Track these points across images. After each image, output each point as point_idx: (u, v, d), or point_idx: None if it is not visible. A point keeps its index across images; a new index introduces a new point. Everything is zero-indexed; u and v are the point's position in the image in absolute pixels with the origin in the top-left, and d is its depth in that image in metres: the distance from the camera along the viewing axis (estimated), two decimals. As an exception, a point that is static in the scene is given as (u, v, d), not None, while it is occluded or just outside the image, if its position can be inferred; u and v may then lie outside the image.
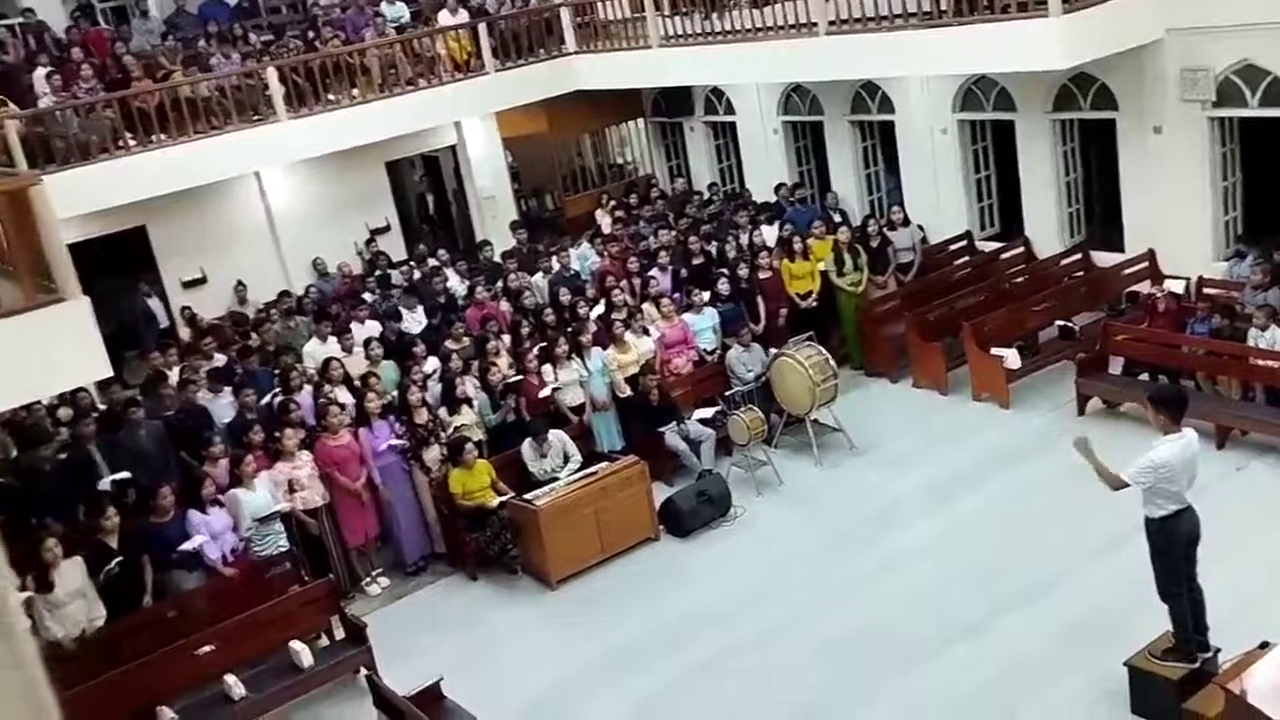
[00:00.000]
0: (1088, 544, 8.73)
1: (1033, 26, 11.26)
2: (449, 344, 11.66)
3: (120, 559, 8.77)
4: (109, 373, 8.15)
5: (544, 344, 11.49)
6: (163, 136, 13.59)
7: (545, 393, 11.02)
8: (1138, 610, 7.26)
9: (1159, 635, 6.98)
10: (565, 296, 12.61)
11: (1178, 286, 11.95)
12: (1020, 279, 13.25)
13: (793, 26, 13.64)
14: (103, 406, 11.55)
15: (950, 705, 7.46)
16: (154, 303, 14.93)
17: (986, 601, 8.42)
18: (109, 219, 13.98)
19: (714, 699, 7.97)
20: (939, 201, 14.71)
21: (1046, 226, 13.91)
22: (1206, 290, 11.77)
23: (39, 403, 11.14)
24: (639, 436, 11.21)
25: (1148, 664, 6.92)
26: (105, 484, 9.78)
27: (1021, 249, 14.04)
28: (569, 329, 11.74)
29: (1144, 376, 10.96)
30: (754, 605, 8.97)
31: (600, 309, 12.46)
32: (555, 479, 10.21)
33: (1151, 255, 12.77)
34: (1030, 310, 12.33)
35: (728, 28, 14.51)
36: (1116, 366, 11.24)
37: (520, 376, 11.05)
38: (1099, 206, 14.16)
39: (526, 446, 10.36)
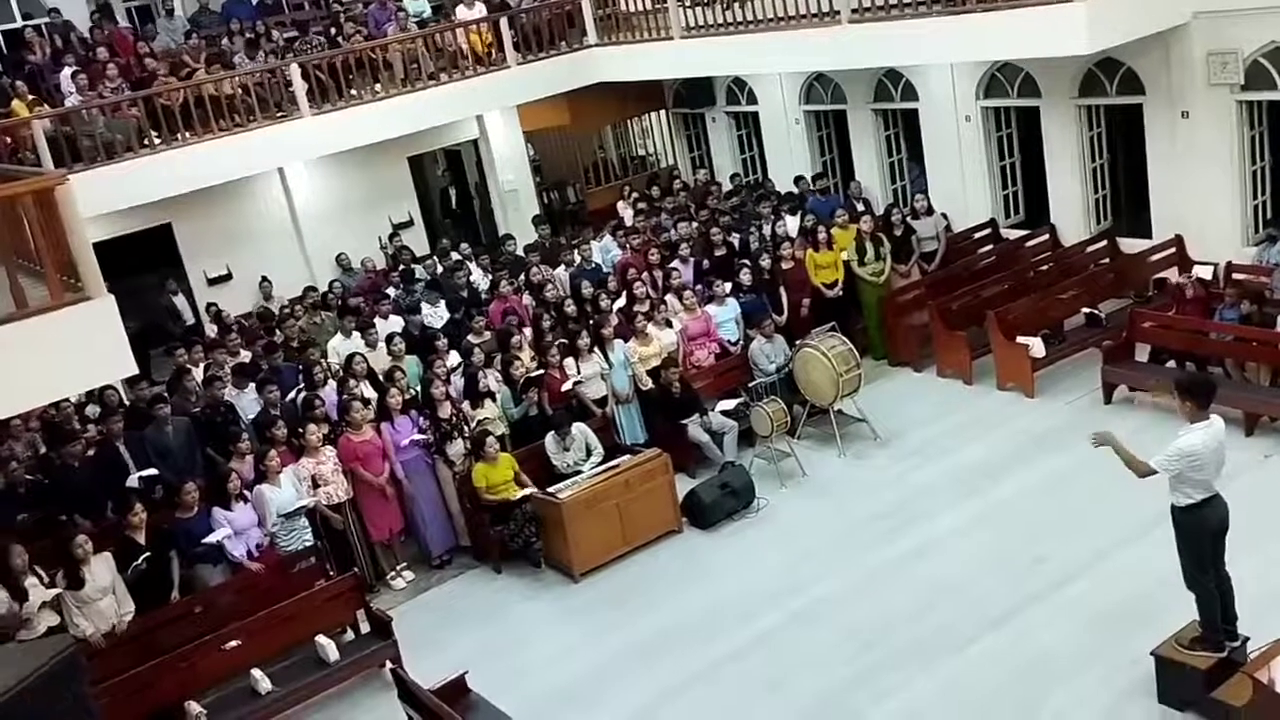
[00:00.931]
0: (1114, 533, 8.66)
1: (1058, 11, 11.16)
2: (470, 338, 11.70)
3: (148, 555, 8.85)
4: (135, 370, 8.22)
5: (565, 339, 11.49)
6: (187, 134, 13.69)
7: (567, 386, 11.04)
8: (1165, 599, 7.20)
9: (1186, 624, 6.92)
10: (587, 289, 12.61)
11: (1206, 272, 11.81)
12: (1045, 267, 13.14)
13: (815, 15, 13.58)
14: (129, 403, 11.65)
15: (976, 695, 7.42)
16: (180, 300, 15.04)
17: (1012, 591, 8.37)
18: (135, 217, 14.11)
19: (739, 690, 7.97)
20: (963, 189, 14.60)
21: (1072, 213, 13.78)
22: (1235, 276, 11.65)
23: (67, 400, 11.27)
24: (661, 429, 11.21)
25: (1175, 653, 6.86)
26: (133, 480, 9.87)
27: (1047, 236, 13.92)
28: (591, 322, 11.74)
29: (1171, 364, 10.85)
30: (778, 597, 8.95)
31: (622, 301, 12.46)
32: (578, 472, 10.23)
33: (1179, 241, 12.64)
34: (1056, 298, 12.22)
35: (749, 17, 14.45)
36: (1143, 354, 11.14)
37: (541, 371, 11.07)
38: (1125, 192, 14.01)
39: (549, 440, 10.38)
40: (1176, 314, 11.13)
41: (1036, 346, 11.42)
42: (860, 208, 14.32)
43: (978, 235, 14.42)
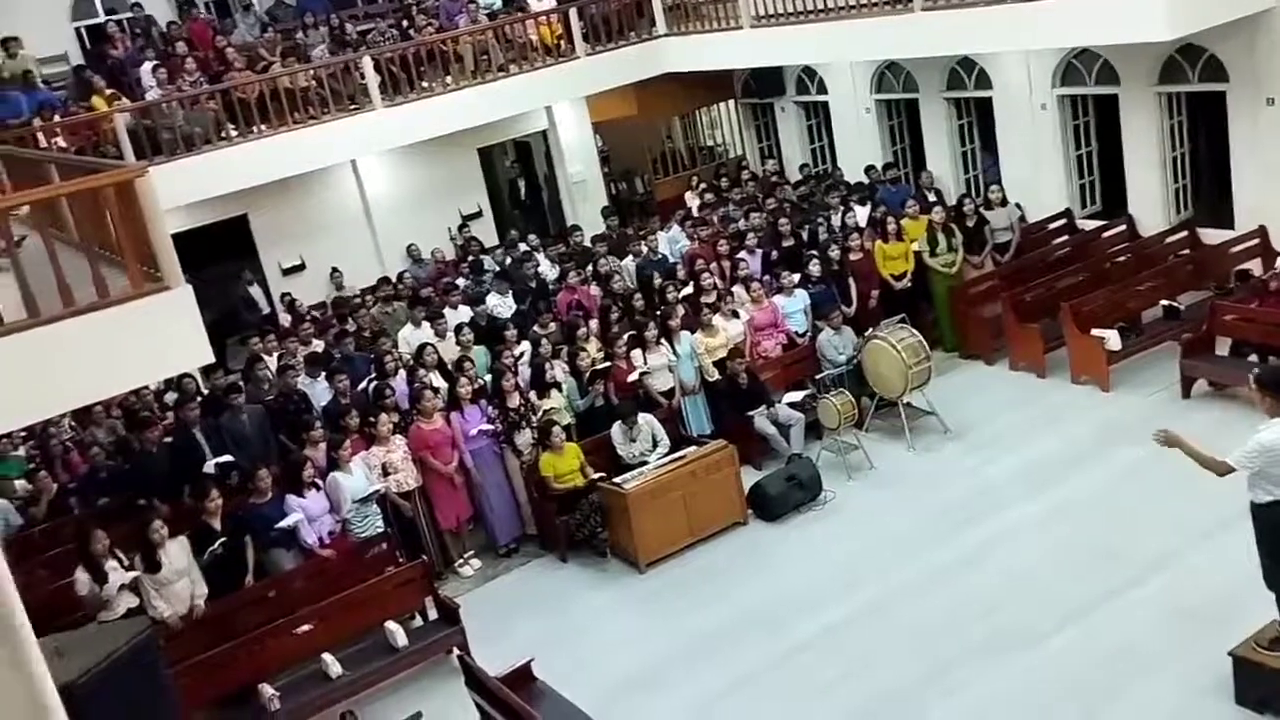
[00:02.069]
0: (1192, 530, 8.47)
1: (1137, -4, 10.93)
2: (536, 329, 11.76)
3: (224, 540, 9.03)
4: (212, 359, 8.37)
5: (633, 330, 11.49)
6: (263, 127, 13.94)
7: (634, 377, 11.05)
8: (1243, 598, 7.00)
9: (1265, 624, 6.74)
10: (656, 280, 12.60)
11: (1291, 264, 11.49)
12: (1123, 258, 12.85)
13: (887, 3, 13.45)
14: (206, 391, 11.89)
15: (1048, 692, 7.30)
16: (255, 290, 15.31)
17: (1085, 588, 8.22)
18: (212, 208, 14.40)
19: (804, 683, 7.92)
20: (1038, 179, 14.35)
21: (1151, 203, 13.47)
22: (1322, 268, 11.30)
23: (147, 388, 11.53)
24: (728, 420, 11.18)
25: (1253, 654, 6.69)
26: (210, 466, 10.07)
27: (1124, 227, 13.63)
28: (658, 313, 11.74)
29: (1253, 358, 10.56)
30: (845, 590, 8.89)
31: (689, 292, 12.44)
32: (644, 463, 10.23)
33: (1263, 232, 12.30)
34: (1133, 290, 11.95)
35: (820, 6, 14.32)
36: (1224, 348, 10.86)
37: (608, 364, 11.09)
38: (1207, 182, 13.67)
39: (616, 430, 10.41)
40: (1259, 307, 10.82)
41: (1113, 339, 11.19)
42: (931, 198, 14.15)
43: (1052, 226, 14.16)
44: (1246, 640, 6.76)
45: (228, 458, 10.15)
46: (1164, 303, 11.82)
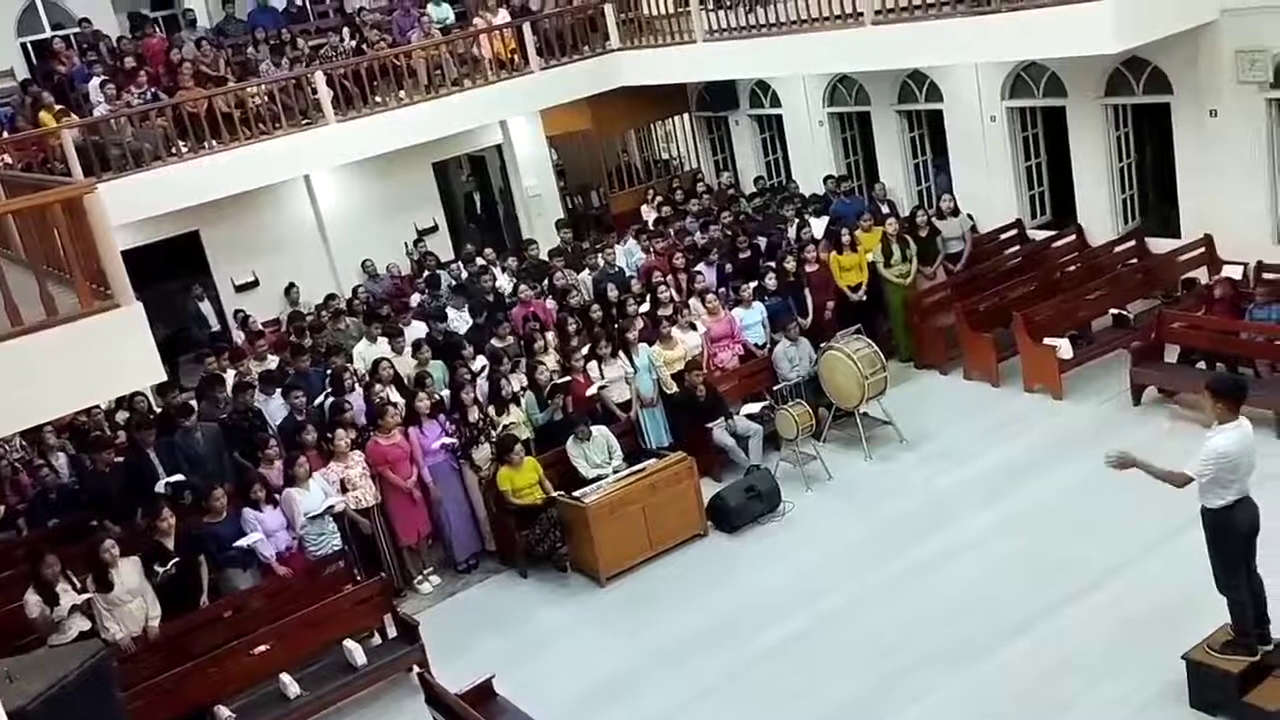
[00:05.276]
0: (1144, 536, 8.58)
1: (1084, 10, 11.07)
2: (495, 343, 11.72)
3: (176, 560, 8.90)
4: (164, 377, 8.28)
5: (590, 342, 11.49)
6: (214, 143, 13.78)
7: (592, 391, 11.04)
8: (1196, 603, 7.12)
9: (1218, 628, 6.85)
10: (613, 293, 12.61)
11: (1235, 272, 11.69)
12: (1073, 267, 13.04)
13: (838, 17, 13.54)
14: (158, 409, 11.73)
15: (1004, 700, 7.37)
16: (205, 306, 15.12)
17: (1041, 596, 8.31)
18: (163, 225, 14.21)
19: (765, 694, 7.95)
20: (989, 190, 14.51)
21: (1099, 213, 13.66)
22: (1266, 275, 11.51)
23: (98, 407, 11.36)
24: (687, 432, 11.19)
25: (1207, 657, 6.79)
26: (161, 486, 9.93)
27: (1074, 237, 13.80)
28: (615, 325, 11.74)
29: (1201, 364, 10.75)
30: (803, 601, 8.93)
31: (646, 305, 12.45)
32: (603, 476, 10.22)
33: (1209, 240, 12.51)
34: (1083, 299, 12.12)
35: (772, 20, 14.42)
36: (1172, 355, 11.04)
37: (568, 378, 11.08)
38: (1153, 192, 13.90)
39: (570, 443, 10.39)
40: (1205, 314, 11.02)
41: (1064, 348, 11.34)
42: (885, 209, 14.27)
43: (1004, 236, 14.32)
44: (1199, 644, 6.87)
45: (179, 477, 10.01)
46: (1113, 311, 12.02)
